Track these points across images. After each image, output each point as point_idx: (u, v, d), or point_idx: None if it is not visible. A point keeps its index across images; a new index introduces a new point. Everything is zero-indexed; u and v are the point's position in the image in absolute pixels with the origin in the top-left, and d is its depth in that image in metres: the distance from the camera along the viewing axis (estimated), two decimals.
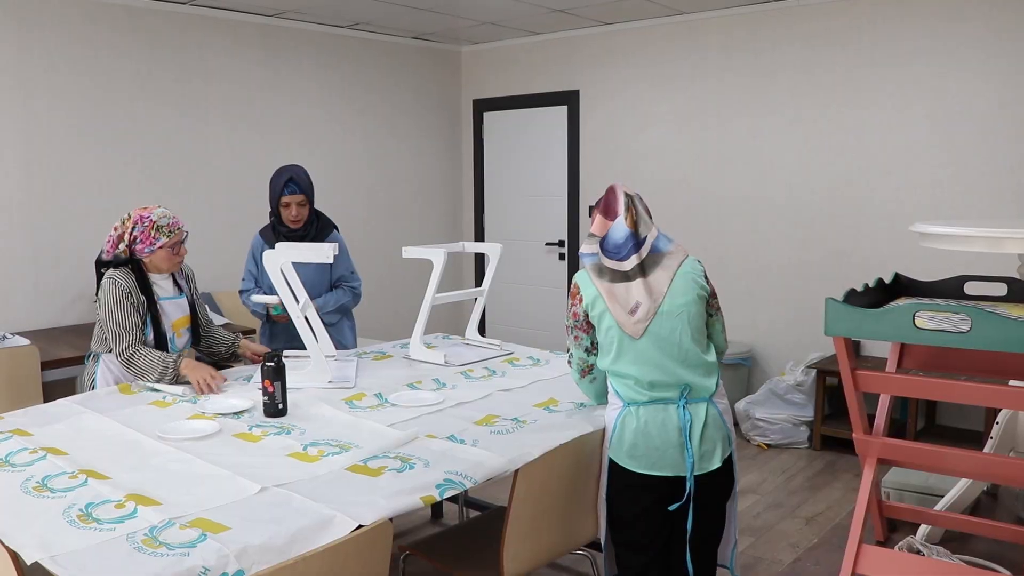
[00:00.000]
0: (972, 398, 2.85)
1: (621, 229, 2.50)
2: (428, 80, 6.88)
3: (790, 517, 4.12)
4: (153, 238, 3.11)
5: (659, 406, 2.43)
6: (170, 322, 3.22)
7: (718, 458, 2.46)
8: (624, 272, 2.47)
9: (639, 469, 2.44)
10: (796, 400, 5.12)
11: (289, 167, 3.81)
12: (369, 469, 2.28)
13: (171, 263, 3.20)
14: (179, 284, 3.31)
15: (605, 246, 2.52)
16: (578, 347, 2.61)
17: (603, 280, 2.48)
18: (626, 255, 2.48)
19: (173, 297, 3.26)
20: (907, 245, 4.96)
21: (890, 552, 3.11)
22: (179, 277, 3.32)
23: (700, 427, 2.42)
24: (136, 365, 3.07)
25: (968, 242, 2.89)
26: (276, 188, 3.74)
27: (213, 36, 5.46)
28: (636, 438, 2.43)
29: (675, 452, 2.42)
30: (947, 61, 4.86)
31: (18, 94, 4.68)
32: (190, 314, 3.32)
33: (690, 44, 5.82)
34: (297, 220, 3.75)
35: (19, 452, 2.39)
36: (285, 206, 3.73)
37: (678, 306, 2.42)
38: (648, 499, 2.46)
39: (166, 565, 1.72)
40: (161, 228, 3.11)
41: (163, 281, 3.23)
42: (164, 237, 3.12)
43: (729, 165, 5.72)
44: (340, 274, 3.87)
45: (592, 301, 2.49)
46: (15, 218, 4.71)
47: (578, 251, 2.61)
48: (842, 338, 2.81)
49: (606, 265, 2.49)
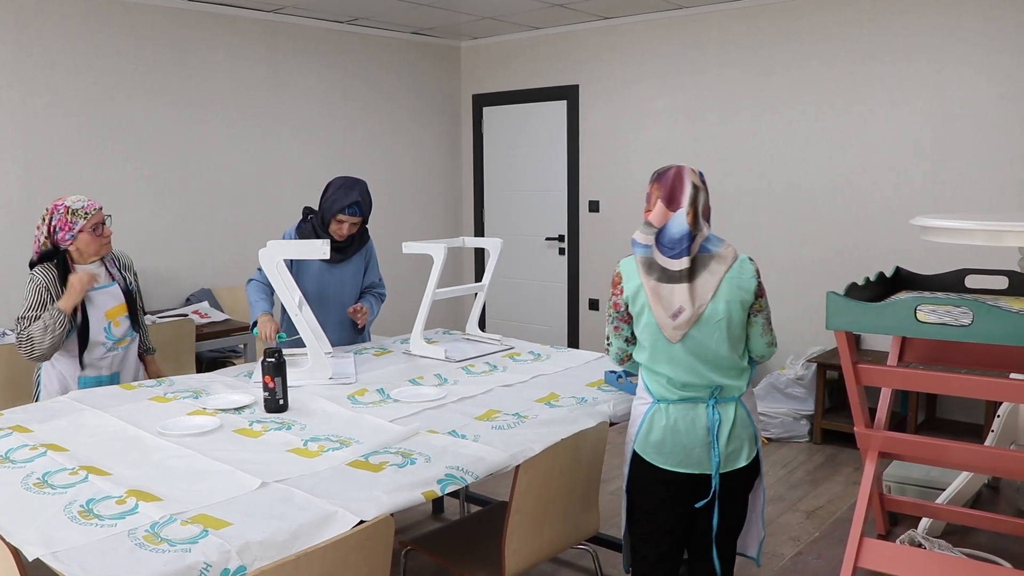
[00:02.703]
0: (973, 391, 2.84)
1: (681, 224, 2.38)
2: (428, 75, 6.87)
3: (791, 511, 4.12)
4: (71, 223, 3.06)
5: (689, 404, 2.42)
6: (102, 311, 3.16)
7: (744, 457, 2.46)
8: (673, 272, 2.37)
9: (666, 465, 2.44)
10: (796, 394, 5.12)
11: (356, 183, 3.52)
12: (370, 464, 2.28)
13: (96, 245, 3.13)
14: (111, 273, 3.25)
15: (661, 239, 2.40)
16: (618, 337, 2.51)
17: (651, 277, 2.38)
18: (679, 253, 2.37)
19: (104, 287, 3.19)
20: (906, 239, 4.96)
21: (892, 545, 3.11)
22: (111, 266, 3.26)
23: (728, 427, 2.41)
24: (31, 335, 3.00)
25: (969, 235, 2.88)
26: (338, 203, 3.47)
27: (213, 32, 5.45)
28: (665, 435, 2.42)
29: (702, 451, 2.41)
30: (947, 55, 4.85)
31: (17, 92, 4.67)
32: (126, 302, 3.25)
33: (690, 39, 5.81)
34: (344, 237, 3.56)
35: (19, 448, 2.39)
36: (339, 222, 3.50)
37: (719, 312, 2.35)
38: (670, 494, 2.46)
39: (168, 561, 1.72)
40: (76, 212, 3.07)
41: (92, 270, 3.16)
42: (81, 220, 3.07)
43: (729, 160, 5.72)
44: (371, 280, 3.82)
45: (634, 295, 2.41)
46: (14, 215, 4.70)
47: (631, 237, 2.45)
48: (844, 332, 2.81)
49: (657, 261, 2.39)
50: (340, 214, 3.48)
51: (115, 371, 3.26)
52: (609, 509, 3.48)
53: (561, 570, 3.54)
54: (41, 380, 3.22)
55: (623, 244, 6.15)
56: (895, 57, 5.01)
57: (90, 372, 3.18)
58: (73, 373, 3.17)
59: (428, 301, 3.56)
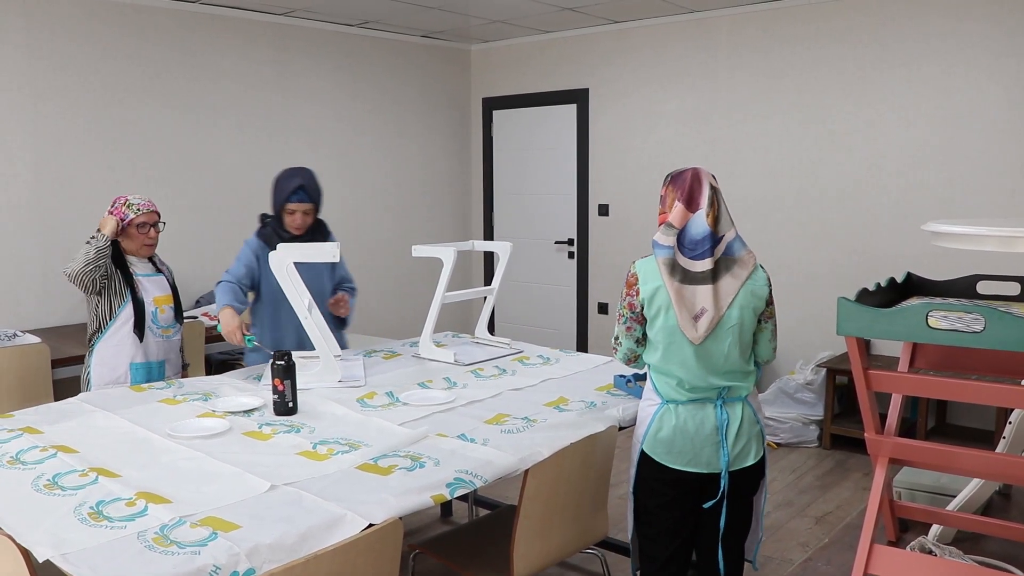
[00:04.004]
0: (985, 398, 2.83)
1: (701, 225, 2.38)
2: (437, 78, 6.88)
3: (800, 516, 4.10)
4: (123, 213, 3.31)
5: (697, 404, 2.43)
6: (151, 296, 3.37)
7: (752, 455, 2.47)
8: (696, 274, 2.36)
9: (675, 465, 2.44)
10: (806, 399, 5.10)
11: (298, 170, 3.55)
12: (379, 468, 2.28)
13: (139, 243, 3.35)
14: (159, 267, 3.49)
15: (682, 241, 2.39)
16: (629, 338, 2.49)
17: (674, 279, 2.37)
18: (701, 254, 2.37)
19: (152, 275, 3.43)
20: (915, 244, 4.94)
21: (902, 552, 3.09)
22: (160, 263, 3.50)
23: (736, 426, 2.43)
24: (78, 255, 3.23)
25: (981, 241, 2.87)
26: (283, 192, 3.49)
27: (222, 35, 5.47)
28: (674, 435, 2.43)
29: (711, 450, 2.42)
30: (956, 60, 4.83)
31: (28, 95, 4.69)
32: (172, 294, 3.47)
33: (700, 43, 5.80)
34: (300, 228, 3.53)
35: (30, 450, 2.39)
36: (290, 213, 3.49)
37: (734, 318, 2.37)
38: (678, 493, 2.47)
39: (177, 564, 1.72)
40: (131, 205, 3.32)
41: (140, 263, 3.40)
42: (132, 213, 3.31)
43: (739, 164, 5.70)
44: (342, 275, 3.79)
45: (651, 296, 2.40)
46: (25, 218, 4.72)
47: (652, 238, 2.45)
48: (854, 338, 2.80)
49: (679, 263, 2.38)
50: (288, 203, 3.47)
51: (162, 359, 3.43)
52: (618, 513, 3.47)
53: (569, 574, 3.54)
54: (91, 377, 3.34)
55: (633, 247, 6.16)
56: (905, 61, 4.99)
57: (140, 358, 3.35)
58: (124, 362, 3.33)
59: (437, 304, 3.56)
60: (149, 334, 3.35)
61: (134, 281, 3.33)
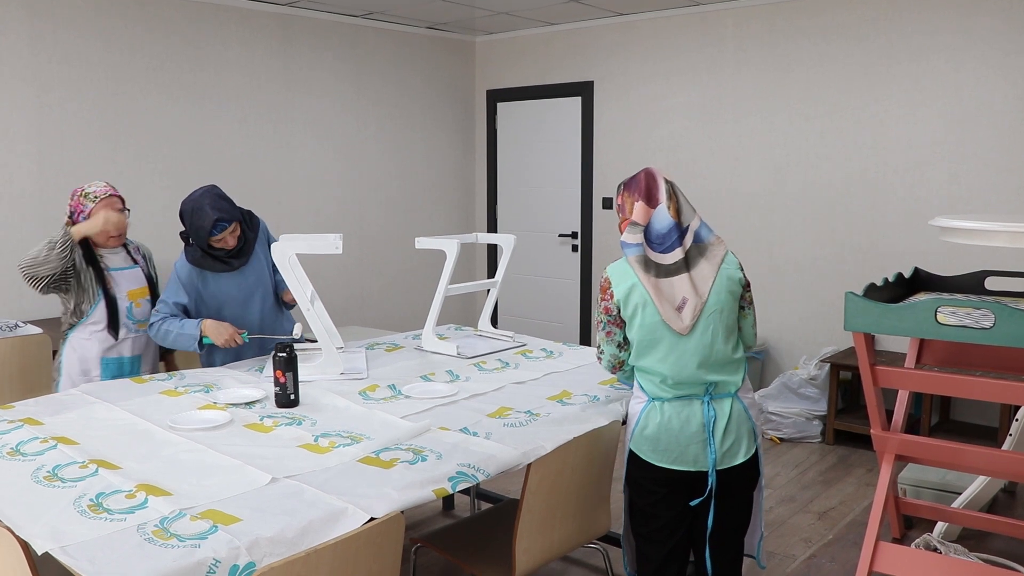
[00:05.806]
0: (994, 395, 2.81)
1: (665, 218, 2.40)
2: (442, 70, 6.85)
3: (803, 512, 4.09)
4: (83, 206, 3.17)
5: (684, 401, 2.41)
6: (124, 291, 3.25)
7: (743, 453, 2.44)
8: (669, 266, 2.37)
9: (661, 463, 2.43)
10: (809, 394, 5.09)
11: (205, 200, 3.22)
12: (381, 461, 2.26)
13: (105, 235, 3.19)
14: (134, 258, 3.35)
15: (649, 236, 2.41)
16: (610, 343, 2.49)
17: (649, 275, 2.37)
18: (670, 247, 2.39)
19: (125, 268, 3.30)
20: (922, 240, 4.91)
21: (907, 550, 3.08)
22: (134, 253, 3.36)
23: (724, 423, 2.40)
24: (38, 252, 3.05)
25: (990, 236, 2.85)
26: (202, 231, 3.19)
27: (226, 26, 5.44)
28: (659, 432, 2.41)
29: (698, 448, 2.40)
30: (964, 55, 4.79)
31: (31, 86, 4.67)
32: (148, 286, 3.34)
33: (706, 36, 5.77)
34: (233, 244, 3.29)
35: (30, 441, 2.38)
36: (218, 241, 3.24)
37: (715, 304, 2.37)
38: (668, 491, 2.45)
39: (177, 557, 1.71)
40: (89, 195, 3.18)
41: (112, 255, 3.27)
42: (91, 203, 3.16)
43: (744, 158, 5.67)
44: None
45: (625, 296, 2.40)
46: (28, 208, 4.71)
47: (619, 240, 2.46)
48: (862, 333, 2.78)
49: (651, 258, 2.39)
50: (211, 237, 3.22)
51: (136, 354, 3.32)
52: (620, 508, 3.44)
53: (571, 569, 3.52)
54: (62, 366, 3.26)
55: None
56: (912, 56, 4.96)
57: (112, 353, 3.24)
58: (95, 356, 3.23)
59: (440, 297, 3.54)
60: (123, 330, 3.25)
61: (106, 278, 3.20)
